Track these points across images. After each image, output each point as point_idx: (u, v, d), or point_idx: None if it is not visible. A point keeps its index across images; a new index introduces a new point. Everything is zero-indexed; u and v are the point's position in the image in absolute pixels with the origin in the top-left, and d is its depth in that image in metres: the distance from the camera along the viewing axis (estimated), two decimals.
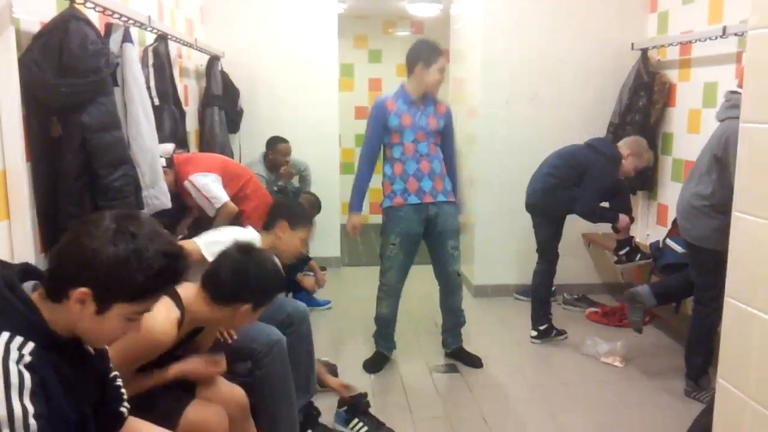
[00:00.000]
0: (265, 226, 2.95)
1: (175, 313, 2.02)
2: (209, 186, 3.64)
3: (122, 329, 1.45)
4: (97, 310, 1.38)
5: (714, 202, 3.15)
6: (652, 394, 3.52)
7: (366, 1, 7.06)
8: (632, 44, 4.78)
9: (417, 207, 3.62)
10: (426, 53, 3.56)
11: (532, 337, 4.21)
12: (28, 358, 1.31)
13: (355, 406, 3.08)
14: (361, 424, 3.02)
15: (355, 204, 3.73)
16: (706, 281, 3.32)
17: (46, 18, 2.40)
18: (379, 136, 3.65)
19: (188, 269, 1.50)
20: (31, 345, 1.33)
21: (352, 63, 7.79)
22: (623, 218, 4.02)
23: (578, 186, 3.91)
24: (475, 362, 3.85)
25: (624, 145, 3.94)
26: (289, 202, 3.03)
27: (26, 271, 1.46)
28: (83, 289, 1.35)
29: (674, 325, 4.27)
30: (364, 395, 3.12)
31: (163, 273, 1.41)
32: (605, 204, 4.09)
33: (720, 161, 3.09)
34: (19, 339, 1.32)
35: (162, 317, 1.95)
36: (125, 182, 2.50)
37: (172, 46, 3.90)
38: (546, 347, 4.16)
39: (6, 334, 1.31)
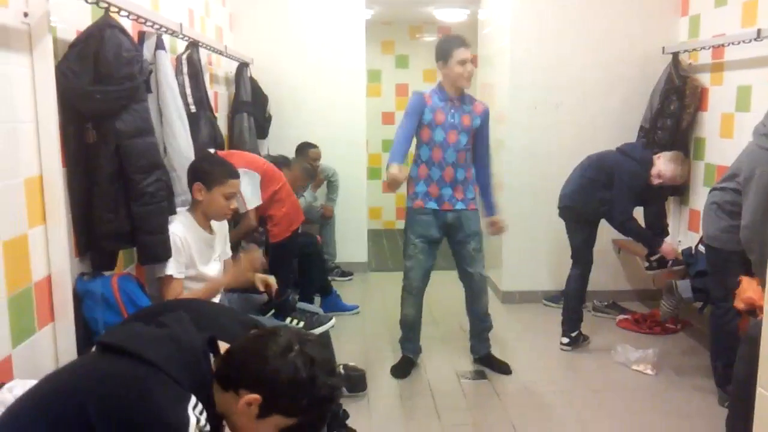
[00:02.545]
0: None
1: None
2: (244, 186, 3.62)
3: None
4: (259, 415, 1.49)
5: (725, 205, 3.19)
6: (685, 403, 3.46)
7: (393, 7, 7.07)
8: (663, 48, 4.72)
9: (435, 212, 3.64)
10: (442, 50, 3.54)
11: (562, 344, 4.17)
12: (206, 427, 1.43)
13: (281, 306, 2.97)
14: (296, 320, 2.98)
15: (395, 156, 3.40)
16: (715, 280, 3.38)
17: (82, 26, 2.44)
18: (414, 120, 3.53)
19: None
20: (204, 412, 1.44)
21: (379, 69, 7.81)
22: (667, 245, 4.04)
23: (608, 188, 3.90)
24: (503, 369, 3.83)
25: (659, 154, 3.92)
26: (198, 163, 2.88)
27: (210, 342, 1.57)
28: (256, 396, 1.47)
29: (706, 333, 4.19)
30: (288, 294, 3.00)
31: (325, 403, 1.53)
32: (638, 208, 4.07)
33: (741, 183, 3.11)
34: (199, 405, 1.43)
35: None
36: (158, 187, 2.53)
37: (203, 53, 3.94)
38: (576, 354, 4.12)
39: (194, 399, 1.42)
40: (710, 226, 3.30)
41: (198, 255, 2.79)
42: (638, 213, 4.08)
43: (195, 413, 1.40)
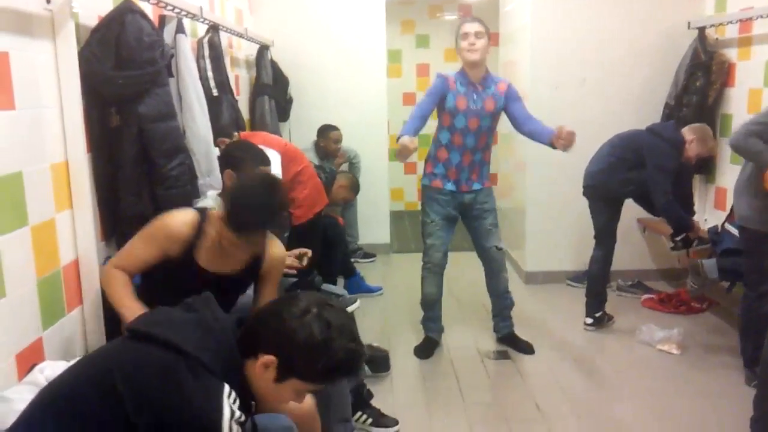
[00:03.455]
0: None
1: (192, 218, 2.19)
2: None
3: (290, 399, 1.61)
4: (276, 378, 1.51)
5: (752, 180, 3.13)
6: (710, 383, 3.44)
7: None
8: (688, 23, 4.63)
9: (453, 193, 3.67)
10: (455, 37, 3.56)
11: (586, 324, 4.15)
12: (241, 417, 1.44)
13: (306, 288, 2.93)
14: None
15: (407, 130, 3.31)
16: (750, 263, 3.30)
17: (104, 12, 2.46)
18: (433, 102, 3.51)
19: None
20: (237, 400, 1.45)
21: (399, 49, 7.76)
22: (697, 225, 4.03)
23: (636, 169, 3.84)
24: (527, 349, 3.83)
25: (688, 131, 3.85)
26: (230, 150, 2.88)
27: (239, 323, 1.60)
28: (271, 357, 1.49)
29: (732, 312, 4.15)
30: (314, 275, 2.93)
31: (342, 367, 1.53)
32: None
33: None
34: (233, 394, 1.43)
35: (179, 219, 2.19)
36: (182, 171, 2.56)
37: (223, 37, 3.95)
38: (600, 334, 4.10)
39: (227, 388, 1.42)
40: (742, 205, 3.23)
41: None
42: None
43: (229, 403, 1.39)
